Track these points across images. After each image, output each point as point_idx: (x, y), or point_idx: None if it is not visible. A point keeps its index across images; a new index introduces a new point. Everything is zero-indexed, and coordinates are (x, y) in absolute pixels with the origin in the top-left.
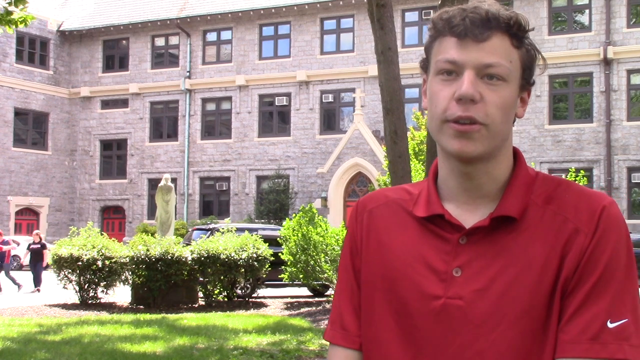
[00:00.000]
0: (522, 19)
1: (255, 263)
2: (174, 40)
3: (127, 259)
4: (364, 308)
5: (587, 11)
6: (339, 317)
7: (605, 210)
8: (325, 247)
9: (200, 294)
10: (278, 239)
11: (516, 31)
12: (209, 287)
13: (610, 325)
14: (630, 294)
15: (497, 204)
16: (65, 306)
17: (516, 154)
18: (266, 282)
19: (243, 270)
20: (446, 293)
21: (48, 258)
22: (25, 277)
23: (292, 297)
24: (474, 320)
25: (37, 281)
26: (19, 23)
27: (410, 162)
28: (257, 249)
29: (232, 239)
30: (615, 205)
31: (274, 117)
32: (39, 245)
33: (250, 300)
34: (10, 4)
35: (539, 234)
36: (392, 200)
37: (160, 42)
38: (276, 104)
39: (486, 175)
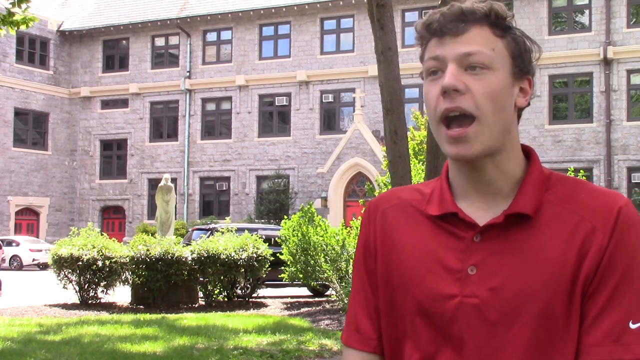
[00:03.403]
0: (499, 8)
1: (255, 263)
2: (174, 40)
3: (127, 259)
4: (384, 309)
5: (587, 11)
6: (353, 320)
7: (622, 210)
8: (325, 247)
9: (200, 294)
10: (277, 238)
11: (495, 20)
12: (209, 287)
13: (632, 326)
14: None
15: (509, 202)
16: (65, 306)
17: (530, 152)
18: (266, 282)
19: (243, 270)
20: (462, 291)
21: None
22: (24, 278)
23: (292, 297)
24: (490, 318)
25: None
26: (21, 24)
27: (410, 162)
28: (257, 249)
29: (232, 239)
30: (631, 205)
31: (274, 117)
32: None
33: (250, 300)
34: (13, 4)
35: (555, 232)
36: (404, 200)
37: (160, 42)
38: (276, 104)
39: (495, 168)
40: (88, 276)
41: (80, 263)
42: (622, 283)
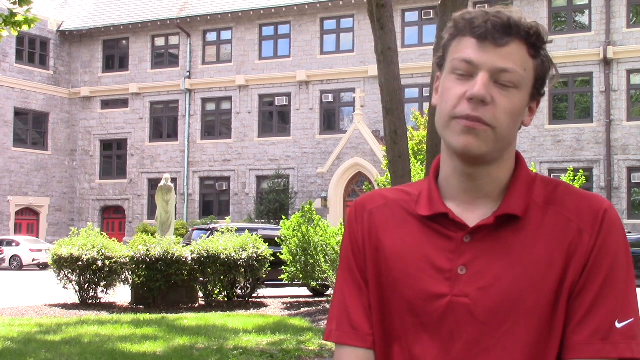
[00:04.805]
0: (542, 30)
1: (255, 263)
2: (174, 40)
3: (127, 259)
4: (374, 306)
5: (587, 11)
6: (346, 317)
7: (607, 213)
8: (325, 247)
9: (200, 294)
10: (276, 238)
11: (535, 41)
12: (209, 287)
13: (618, 325)
14: (632, 294)
15: (498, 204)
16: (65, 306)
17: (517, 156)
18: (266, 282)
19: (243, 270)
20: (452, 291)
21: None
22: (24, 278)
23: (292, 297)
24: (480, 318)
25: None
26: (23, 25)
27: (410, 162)
28: (257, 249)
29: (232, 239)
30: (614, 208)
31: (274, 117)
32: None
33: (250, 300)
34: (15, 3)
35: (543, 233)
36: (391, 200)
37: (160, 42)
38: (276, 104)
39: (488, 177)
40: (88, 276)
41: (80, 263)
42: (607, 283)
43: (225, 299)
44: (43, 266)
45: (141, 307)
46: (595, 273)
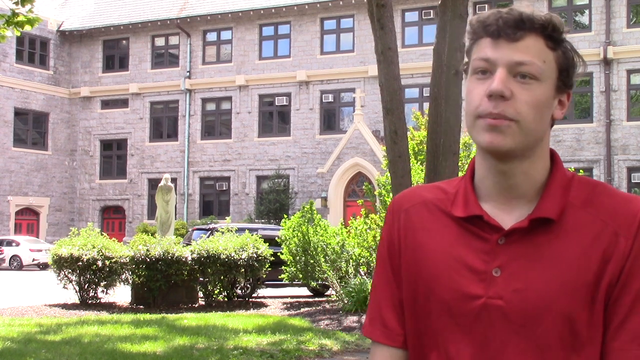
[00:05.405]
0: (557, 21)
1: (255, 263)
2: (174, 40)
3: (127, 259)
4: (407, 307)
5: (587, 11)
6: (379, 315)
7: None
8: (325, 247)
9: (200, 294)
10: (277, 238)
11: (551, 33)
12: (209, 287)
13: None
14: None
15: (533, 205)
16: (65, 306)
17: (553, 155)
18: (266, 282)
19: (243, 270)
20: (486, 293)
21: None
22: (24, 278)
23: (292, 297)
24: (514, 320)
25: None
26: (25, 25)
27: (410, 162)
28: (257, 249)
29: (232, 239)
30: None
31: (274, 117)
32: None
33: (250, 300)
34: (17, 3)
35: (578, 237)
36: (428, 199)
37: (160, 42)
38: (276, 104)
39: (523, 174)
40: (88, 276)
41: (80, 263)
42: None
43: (225, 299)
44: (43, 266)
45: (141, 307)
46: (633, 278)
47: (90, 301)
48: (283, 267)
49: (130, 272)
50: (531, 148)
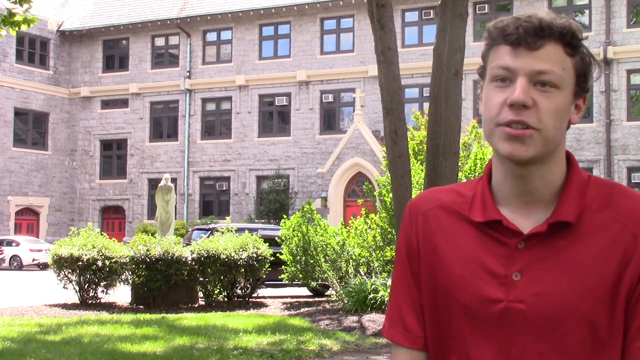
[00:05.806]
0: (576, 28)
1: (255, 263)
2: (174, 40)
3: (127, 259)
4: (427, 308)
5: (587, 11)
6: (399, 318)
7: None
8: (325, 247)
9: (200, 294)
10: (277, 238)
11: (570, 39)
12: (209, 287)
13: None
14: None
15: (551, 209)
16: (65, 306)
17: (569, 157)
18: (266, 282)
19: (243, 270)
20: (507, 297)
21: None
22: (24, 278)
23: (292, 297)
24: (535, 323)
25: None
26: (22, 24)
27: (410, 162)
28: (257, 249)
29: (232, 239)
30: None
31: (274, 117)
32: None
33: (250, 300)
34: (14, 2)
35: (596, 240)
36: (445, 203)
37: (160, 42)
38: (276, 104)
39: (540, 179)
40: (88, 276)
41: (80, 263)
42: None
43: (225, 299)
44: (43, 266)
45: (141, 307)
46: None
47: (90, 301)
48: (283, 267)
49: (130, 272)
50: (550, 153)
